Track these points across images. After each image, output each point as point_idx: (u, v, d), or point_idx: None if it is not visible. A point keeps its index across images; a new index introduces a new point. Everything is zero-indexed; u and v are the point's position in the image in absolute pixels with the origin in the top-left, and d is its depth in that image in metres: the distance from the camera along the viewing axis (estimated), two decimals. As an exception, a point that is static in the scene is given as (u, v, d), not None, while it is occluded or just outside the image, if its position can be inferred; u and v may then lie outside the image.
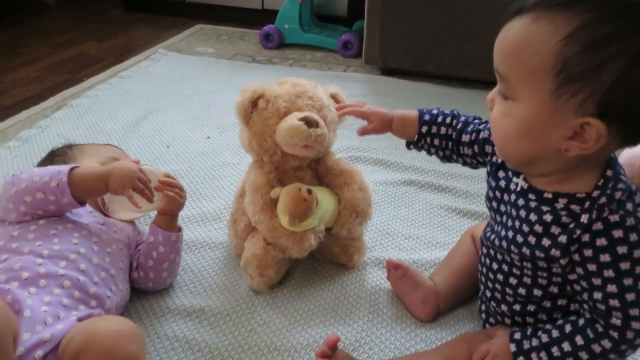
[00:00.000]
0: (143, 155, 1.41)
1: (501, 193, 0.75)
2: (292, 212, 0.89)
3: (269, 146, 0.95)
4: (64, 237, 0.82)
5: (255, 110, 0.95)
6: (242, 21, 2.54)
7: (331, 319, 0.92)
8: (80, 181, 0.82)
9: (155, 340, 0.86)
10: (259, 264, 0.93)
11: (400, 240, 1.11)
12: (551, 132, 0.61)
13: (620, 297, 0.63)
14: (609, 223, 0.62)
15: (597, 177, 0.65)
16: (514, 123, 0.63)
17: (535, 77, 0.59)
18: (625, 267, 0.62)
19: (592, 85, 0.57)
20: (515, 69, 0.61)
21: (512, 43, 0.61)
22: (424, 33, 1.82)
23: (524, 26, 0.60)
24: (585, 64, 0.56)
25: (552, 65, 0.58)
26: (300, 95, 0.95)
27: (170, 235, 0.93)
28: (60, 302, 0.73)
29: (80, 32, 2.45)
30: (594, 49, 0.56)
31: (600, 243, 0.63)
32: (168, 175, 0.93)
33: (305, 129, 0.91)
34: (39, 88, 1.85)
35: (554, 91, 0.59)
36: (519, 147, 0.64)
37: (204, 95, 1.78)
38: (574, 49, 0.56)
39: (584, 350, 0.66)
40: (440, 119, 0.87)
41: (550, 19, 0.58)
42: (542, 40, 0.58)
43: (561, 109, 0.59)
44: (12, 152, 1.40)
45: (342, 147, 1.43)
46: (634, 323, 0.63)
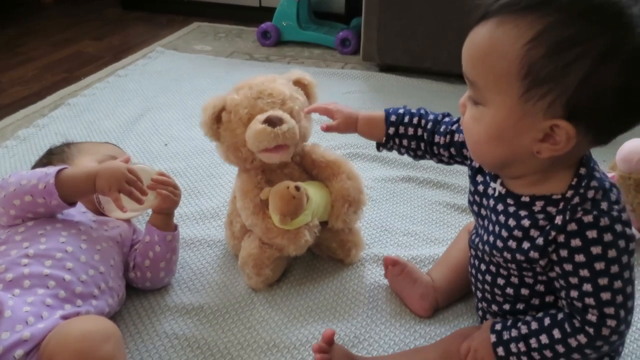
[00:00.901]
0: (141, 153, 1.41)
1: (480, 197, 0.76)
2: (283, 210, 0.89)
3: (245, 155, 0.95)
4: (51, 236, 0.81)
5: (221, 124, 0.95)
6: (239, 19, 2.54)
7: (330, 316, 0.92)
8: (68, 182, 0.82)
9: (155, 338, 0.86)
10: (255, 264, 0.93)
11: (398, 237, 1.11)
12: (522, 135, 0.61)
13: (595, 296, 0.63)
14: (582, 224, 0.62)
15: (571, 176, 0.65)
16: (484, 128, 0.63)
17: (503, 81, 0.59)
18: (600, 267, 0.63)
19: (558, 88, 0.57)
20: (483, 74, 0.61)
21: (478, 48, 0.62)
22: (421, 29, 1.82)
23: (489, 31, 0.60)
24: (550, 66, 0.56)
25: (518, 69, 0.58)
26: (259, 96, 0.94)
27: (166, 235, 0.92)
28: (43, 302, 0.73)
29: (77, 30, 2.44)
30: (558, 51, 0.56)
31: (575, 244, 0.63)
32: (162, 174, 0.93)
33: (270, 129, 0.89)
34: (36, 87, 1.84)
35: (521, 95, 0.59)
36: (492, 151, 0.65)
37: (201, 93, 1.77)
38: (538, 52, 0.57)
39: (561, 344, 0.67)
40: (407, 119, 0.86)
41: (514, 23, 0.58)
42: (507, 44, 0.58)
43: (530, 112, 0.59)
44: (9, 151, 1.40)
45: (340, 143, 1.43)
46: (609, 320, 0.64)
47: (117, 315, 0.90)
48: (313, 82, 1.02)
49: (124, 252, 0.92)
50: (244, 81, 0.98)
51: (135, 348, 0.85)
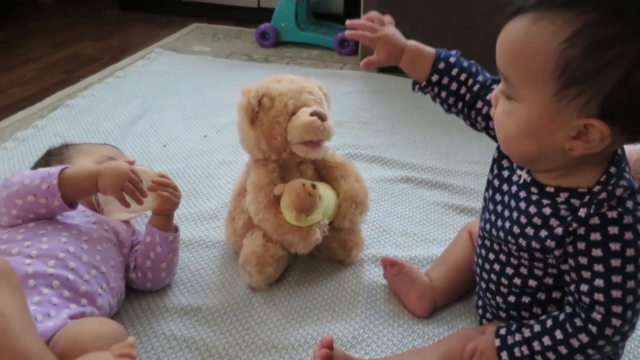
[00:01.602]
0: (140, 154, 1.41)
1: (501, 182, 0.75)
2: (298, 207, 0.90)
3: (279, 144, 0.95)
4: (52, 236, 0.81)
5: (261, 109, 0.95)
6: (238, 20, 2.54)
7: (328, 316, 0.92)
8: (71, 182, 0.82)
9: (153, 339, 0.87)
10: (259, 262, 0.93)
11: (397, 237, 1.11)
12: (554, 132, 0.61)
13: (605, 292, 0.63)
14: (606, 219, 0.62)
15: (600, 172, 0.65)
16: (516, 123, 0.63)
17: (537, 79, 0.59)
18: (615, 264, 0.62)
19: (594, 88, 0.57)
20: (517, 71, 0.61)
21: (512, 44, 0.61)
22: (419, 30, 1.81)
23: (525, 27, 0.59)
24: (587, 66, 0.56)
25: (554, 68, 0.57)
26: (302, 91, 0.96)
27: (168, 236, 0.93)
28: (50, 301, 0.73)
29: (76, 31, 2.44)
30: (595, 51, 0.55)
31: (595, 237, 0.63)
32: (162, 175, 0.93)
33: (320, 123, 0.92)
34: (35, 88, 1.84)
35: (555, 93, 0.58)
36: (522, 146, 0.65)
37: (200, 94, 1.78)
38: (575, 51, 0.56)
39: (563, 345, 0.67)
40: (456, 71, 0.81)
41: (551, 20, 0.57)
42: (543, 42, 0.58)
43: (564, 111, 0.59)
44: (8, 152, 1.40)
45: (339, 144, 1.43)
46: (614, 320, 0.63)
47: (116, 315, 0.90)
48: (329, 95, 1.04)
49: (123, 253, 0.92)
50: (280, 75, 1.00)
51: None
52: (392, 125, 1.57)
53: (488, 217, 0.77)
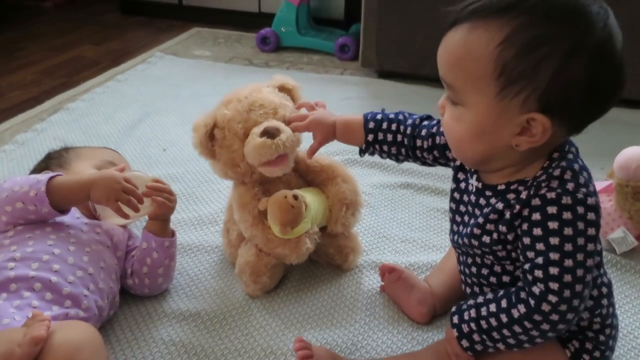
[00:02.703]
0: (139, 158, 1.40)
1: (461, 194, 0.79)
2: (282, 220, 0.88)
3: (244, 170, 0.94)
4: (39, 239, 0.81)
5: (215, 142, 0.93)
6: (239, 24, 2.54)
7: (327, 322, 0.92)
8: (60, 190, 0.82)
9: (151, 344, 0.86)
10: (252, 271, 0.93)
11: (396, 243, 1.11)
12: (501, 131, 0.65)
13: (544, 269, 0.65)
14: (545, 199, 0.65)
15: (544, 161, 0.69)
16: (465, 127, 0.67)
17: (479, 82, 0.63)
18: (554, 242, 0.65)
19: (531, 84, 0.61)
20: (460, 77, 0.65)
21: (453, 53, 0.66)
22: (420, 36, 1.82)
23: (462, 36, 0.64)
24: (522, 65, 0.60)
25: (493, 70, 0.62)
26: (251, 109, 0.92)
27: (164, 241, 0.92)
28: (30, 305, 0.73)
29: (76, 35, 2.45)
30: (528, 51, 0.60)
31: (535, 217, 0.66)
32: (157, 180, 0.92)
33: (270, 141, 0.88)
34: (35, 91, 1.84)
35: (497, 93, 0.62)
36: (473, 148, 0.68)
37: (200, 99, 1.77)
38: (510, 52, 0.60)
39: (504, 313, 0.69)
40: (386, 124, 0.86)
41: (485, 28, 0.62)
42: (480, 47, 0.62)
43: (507, 109, 0.63)
44: (8, 155, 1.40)
45: (338, 149, 1.42)
46: (550, 295, 0.65)
47: (113, 320, 0.90)
48: (297, 86, 1.01)
49: (117, 256, 0.91)
50: (230, 94, 0.96)
51: (132, 355, 0.84)
52: (392, 130, 1.57)
53: (456, 229, 0.80)
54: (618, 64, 0.63)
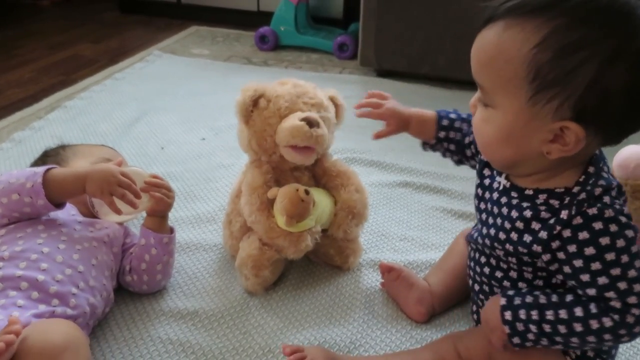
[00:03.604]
0: (137, 157, 1.40)
1: (483, 191, 0.77)
2: (290, 212, 0.89)
3: (268, 146, 0.95)
4: (29, 238, 0.81)
5: (256, 109, 0.95)
6: (237, 23, 2.54)
7: (326, 321, 0.91)
8: (56, 182, 0.82)
9: (149, 343, 0.86)
10: (255, 265, 0.93)
11: (395, 242, 1.11)
12: (531, 137, 0.62)
13: (613, 287, 0.62)
14: (587, 216, 0.63)
15: (579, 173, 0.66)
16: (494, 130, 0.65)
17: (511, 85, 0.60)
18: (611, 258, 0.62)
19: (566, 91, 0.58)
20: (491, 78, 0.63)
21: (485, 52, 0.63)
22: (419, 35, 1.82)
23: (496, 35, 0.61)
24: (557, 70, 0.57)
25: (526, 73, 0.59)
26: (301, 96, 0.95)
27: (162, 237, 0.92)
28: (14, 304, 0.72)
29: (74, 33, 2.44)
30: (565, 55, 0.57)
31: (583, 237, 0.63)
32: (155, 176, 0.92)
33: (307, 129, 0.91)
34: (32, 89, 1.84)
35: (529, 98, 0.60)
36: (501, 152, 0.66)
37: (198, 97, 1.77)
38: (546, 56, 0.57)
39: (580, 322, 0.64)
40: (458, 124, 0.87)
41: (521, 27, 0.59)
42: (514, 48, 0.59)
43: (539, 115, 0.60)
44: (5, 153, 1.39)
45: (338, 148, 1.42)
46: (633, 309, 0.62)
47: (110, 318, 0.90)
48: (344, 106, 1.04)
49: (113, 252, 0.91)
50: (289, 78, 1.00)
51: (129, 353, 0.84)
52: (390, 129, 1.56)
53: (477, 226, 0.78)
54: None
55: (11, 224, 0.84)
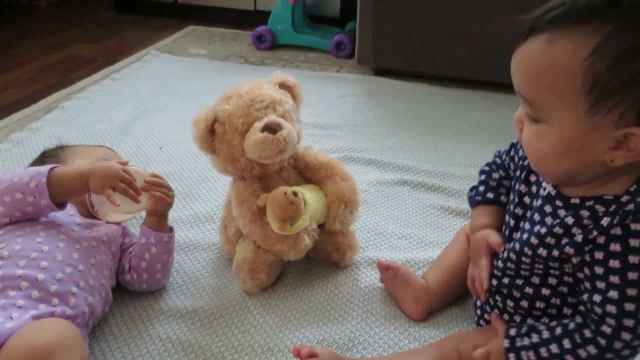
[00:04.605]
0: (135, 156, 1.40)
1: (528, 198, 0.75)
2: (281, 217, 0.88)
3: (244, 165, 0.93)
4: (28, 237, 0.81)
5: (215, 137, 0.93)
6: (234, 22, 2.54)
7: (325, 319, 0.92)
8: (60, 181, 0.82)
9: (148, 342, 0.86)
10: (250, 268, 0.93)
11: (393, 240, 1.11)
12: (592, 146, 0.59)
13: (618, 304, 0.62)
14: (629, 230, 0.61)
15: (631, 181, 0.64)
16: (550, 145, 0.61)
17: (565, 99, 0.57)
18: (632, 277, 0.61)
19: (629, 98, 0.55)
20: (542, 94, 0.59)
21: (533, 67, 0.59)
22: (416, 33, 1.83)
23: (542, 48, 0.58)
24: (617, 78, 0.54)
25: (582, 85, 0.56)
26: (251, 104, 0.92)
27: (163, 236, 0.92)
28: (14, 304, 0.72)
29: (72, 34, 2.44)
30: (623, 61, 0.54)
31: (614, 248, 0.62)
32: (155, 175, 0.92)
33: (272, 137, 0.88)
34: (30, 90, 1.84)
35: (588, 109, 0.57)
36: (559, 165, 0.63)
37: (196, 97, 1.77)
38: (602, 65, 0.54)
39: (570, 354, 0.66)
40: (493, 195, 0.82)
41: (569, 38, 0.56)
42: (565, 61, 0.56)
43: (599, 125, 0.57)
44: (2, 154, 1.39)
45: (335, 147, 1.43)
46: (624, 334, 0.62)
47: (110, 318, 0.90)
48: (297, 83, 1.00)
49: (112, 252, 0.91)
50: (231, 90, 0.96)
51: (129, 352, 0.84)
52: (388, 128, 1.57)
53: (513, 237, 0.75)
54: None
55: (10, 224, 0.84)
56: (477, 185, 0.85)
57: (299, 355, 0.76)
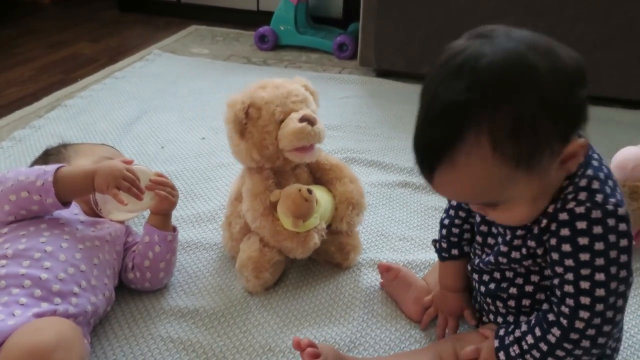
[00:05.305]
0: (137, 156, 1.40)
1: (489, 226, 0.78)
2: (295, 213, 0.89)
3: (271, 153, 0.94)
4: (32, 236, 0.81)
5: (249, 120, 0.94)
6: (237, 22, 2.54)
7: (326, 320, 0.92)
8: (66, 180, 0.83)
9: (150, 341, 0.86)
10: (255, 267, 0.93)
11: (394, 242, 1.12)
12: (548, 179, 0.62)
13: (575, 284, 0.64)
14: (574, 214, 0.63)
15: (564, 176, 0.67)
16: (519, 213, 0.65)
17: (507, 185, 0.60)
18: (584, 258, 0.63)
19: (543, 144, 0.58)
20: (487, 197, 0.63)
21: (462, 190, 0.62)
22: (418, 35, 1.83)
23: (454, 177, 0.60)
24: (525, 144, 0.57)
25: (508, 170, 0.58)
26: (288, 96, 0.95)
27: (166, 235, 0.93)
28: (17, 302, 0.73)
29: (74, 32, 2.44)
30: (517, 134, 0.56)
31: (564, 233, 0.64)
32: (160, 175, 0.93)
33: (310, 128, 0.91)
34: (32, 88, 1.84)
35: (527, 174, 0.59)
36: (538, 207, 0.66)
37: (198, 96, 1.78)
38: (507, 149, 0.56)
39: (542, 342, 0.68)
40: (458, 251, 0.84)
41: (465, 154, 0.57)
42: (480, 169, 0.58)
43: (543, 169, 0.60)
44: (5, 152, 1.40)
45: (337, 148, 1.43)
46: (581, 312, 0.64)
47: (112, 317, 0.90)
48: (317, 92, 1.03)
49: (116, 251, 0.91)
50: (262, 81, 0.98)
51: (130, 351, 0.85)
52: (390, 129, 1.57)
53: (480, 253, 0.79)
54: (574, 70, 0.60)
55: (15, 222, 0.84)
56: (440, 240, 0.86)
57: (298, 347, 0.76)
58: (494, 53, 0.56)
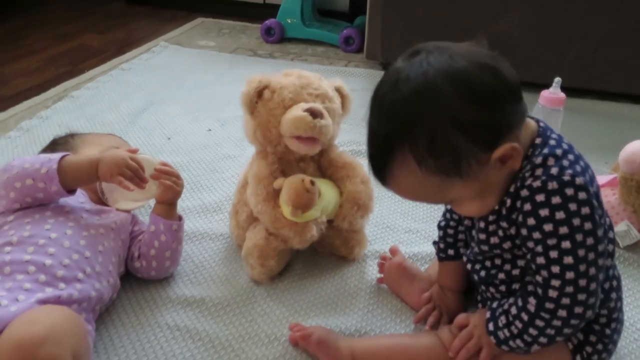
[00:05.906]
0: (144, 147, 1.41)
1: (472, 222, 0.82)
2: (295, 202, 0.90)
3: (273, 136, 0.95)
4: (37, 223, 0.82)
5: (260, 100, 0.96)
6: (243, 15, 2.54)
7: (331, 310, 0.92)
8: (71, 169, 0.83)
9: (156, 329, 0.87)
10: (260, 254, 0.94)
11: (400, 234, 1.12)
12: (490, 181, 0.68)
13: (545, 255, 0.67)
14: (532, 189, 0.66)
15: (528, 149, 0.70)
16: (470, 207, 0.72)
17: (444, 189, 0.67)
18: (548, 229, 0.66)
19: (465, 153, 0.64)
20: (432, 199, 0.73)
21: (410, 196, 0.73)
22: (425, 28, 1.82)
23: (398, 186, 0.69)
24: (446, 158, 0.64)
25: (440, 179, 0.65)
26: (305, 87, 0.96)
27: (172, 224, 0.93)
28: (21, 287, 0.73)
29: (81, 24, 2.45)
30: (437, 151, 0.64)
31: (527, 208, 0.67)
32: (164, 164, 0.93)
33: (310, 119, 0.91)
34: (39, 79, 1.84)
35: (463, 179, 0.66)
36: (489, 204, 0.71)
37: (204, 89, 1.78)
38: (431, 165, 0.64)
39: (523, 311, 0.70)
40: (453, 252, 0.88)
41: (398, 170, 0.67)
42: (415, 181, 0.66)
43: (477, 173, 0.66)
44: (13, 142, 1.40)
45: (343, 140, 1.43)
46: (553, 280, 0.66)
47: (118, 304, 0.91)
48: (350, 96, 1.04)
49: (121, 239, 0.92)
50: (296, 70, 1.01)
51: (137, 339, 0.85)
52: (396, 122, 1.57)
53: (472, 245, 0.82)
54: None
55: (21, 210, 0.85)
56: (438, 242, 0.90)
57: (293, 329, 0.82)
58: (406, 83, 0.65)
